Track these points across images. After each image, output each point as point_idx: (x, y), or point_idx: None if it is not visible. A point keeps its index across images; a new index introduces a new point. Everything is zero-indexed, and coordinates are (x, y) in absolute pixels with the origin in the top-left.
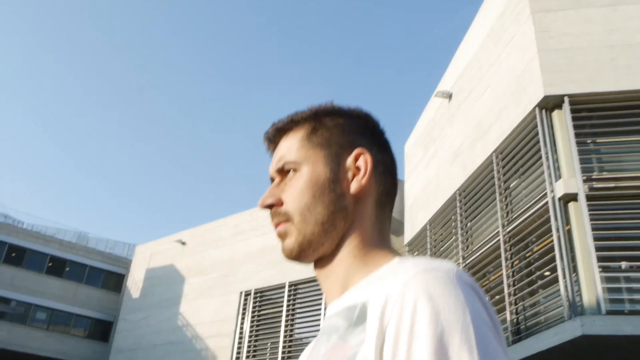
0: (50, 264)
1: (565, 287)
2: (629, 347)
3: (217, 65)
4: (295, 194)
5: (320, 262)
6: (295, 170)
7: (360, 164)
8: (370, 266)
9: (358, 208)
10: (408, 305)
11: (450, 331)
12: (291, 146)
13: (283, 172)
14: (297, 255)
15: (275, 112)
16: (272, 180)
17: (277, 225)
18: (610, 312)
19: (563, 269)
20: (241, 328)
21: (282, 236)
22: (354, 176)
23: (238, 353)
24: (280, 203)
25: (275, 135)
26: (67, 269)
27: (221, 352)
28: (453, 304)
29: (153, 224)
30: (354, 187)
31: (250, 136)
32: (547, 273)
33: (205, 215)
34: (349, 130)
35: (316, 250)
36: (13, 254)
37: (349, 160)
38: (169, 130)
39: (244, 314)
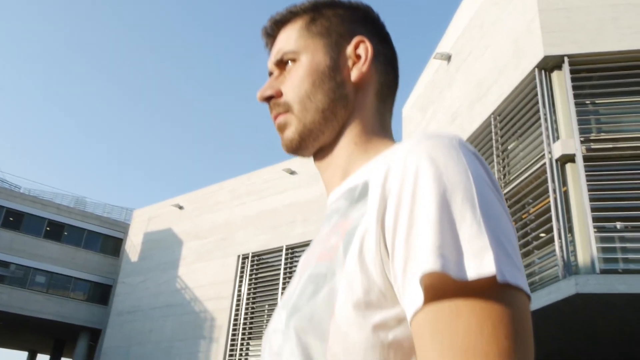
0: (48, 228)
1: (561, 247)
2: (621, 305)
3: (218, 28)
4: (295, 83)
5: (321, 152)
6: (294, 60)
7: (360, 52)
8: (370, 153)
9: (359, 97)
10: (410, 169)
11: (453, 190)
12: (289, 37)
13: (282, 63)
14: (298, 145)
15: None
16: (271, 74)
17: (276, 117)
18: (604, 271)
19: (559, 230)
20: (239, 291)
21: (282, 127)
22: (354, 64)
23: (236, 315)
24: (279, 94)
25: (273, 29)
26: (65, 233)
27: (219, 315)
28: (455, 165)
29: (150, 189)
30: (354, 74)
31: (248, 101)
32: (542, 234)
33: (202, 179)
34: (349, 20)
35: (316, 139)
36: (11, 218)
37: (349, 48)
38: (167, 95)
39: (241, 277)
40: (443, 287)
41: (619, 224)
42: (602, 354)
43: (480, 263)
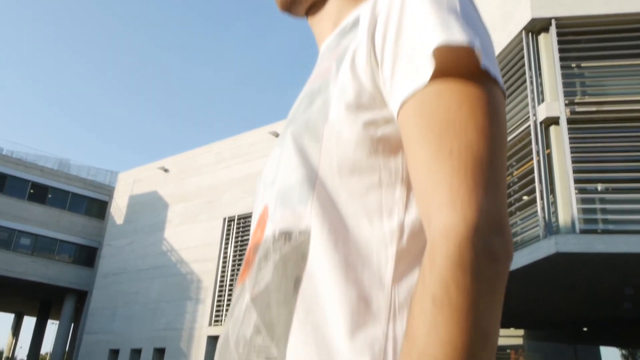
0: (32, 191)
1: (542, 208)
2: (599, 264)
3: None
4: None
5: (313, 9)
6: None
7: None
8: (360, 2)
9: None
10: None
11: (439, 3)
12: None
13: None
14: (291, 2)
15: (259, 47)
16: None
17: None
18: (584, 231)
19: (541, 191)
20: (225, 253)
21: None
22: None
23: (222, 277)
24: None
25: None
26: (50, 195)
27: (205, 276)
28: None
29: (135, 152)
30: None
31: (234, 66)
32: (525, 197)
33: (188, 142)
34: None
35: None
36: None
37: None
38: (153, 57)
39: (227, 239)
40: (425, 73)
41: (600, 186)
42: (579, 312)
43: (466, 37)
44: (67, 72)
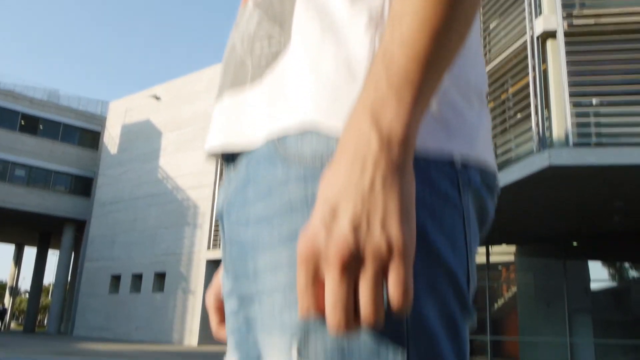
0: (22, 122)
1: (537, 123)
2: (591, 177)
3: None
4: None
5: None
6: None
7: None
8: None
9: None
10: None
11: None
12: None
13: None
14: None
15: None
16: None
17: None
18: (577, 145)
19: (536, 106)
20: (221, 179)
21: None
22: None
23: None
24: None
25: None
26: (41, 127)
27: (202, 202)
28: None
29: (125, 80)
30: None
31: None
32: (519, 115)
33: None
34: None
35: None
36: None
37: None
38: None
39: (222, 165)
40: None
41: (595, 100)
42: (570, 227)
43: None
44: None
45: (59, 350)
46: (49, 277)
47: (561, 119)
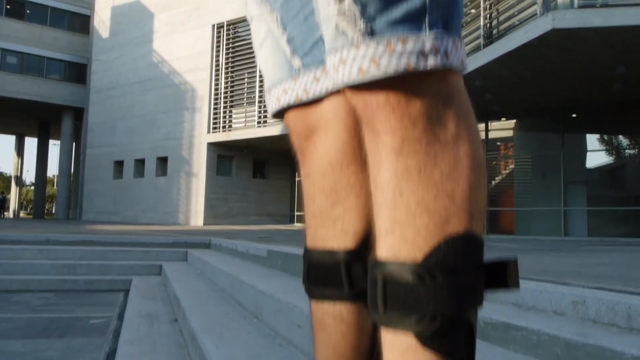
0: (8, 7)
1: None
2: (595, 40)
3: None
4: None
5: None
6: None
7: None
8: None
9: None
10: None
11: None
12: None
13: None
14: None
15: None
16: None
17: None
18: (582, 6)
19: None
20: (217, 61)
21: None
22: None
23: (216, 85)
24: None
25: None
26: (28, 11)
27: (200, 85)
28: None
29: None
30: None
31: None
32: None
33: None
34: None
35: None
36: None
37: None
38: None
39: (218, 47)
40: None
41: None
42: (570, 97)
43: None
44: None
45: (70, 231)
46: (52, 169)
47: None
